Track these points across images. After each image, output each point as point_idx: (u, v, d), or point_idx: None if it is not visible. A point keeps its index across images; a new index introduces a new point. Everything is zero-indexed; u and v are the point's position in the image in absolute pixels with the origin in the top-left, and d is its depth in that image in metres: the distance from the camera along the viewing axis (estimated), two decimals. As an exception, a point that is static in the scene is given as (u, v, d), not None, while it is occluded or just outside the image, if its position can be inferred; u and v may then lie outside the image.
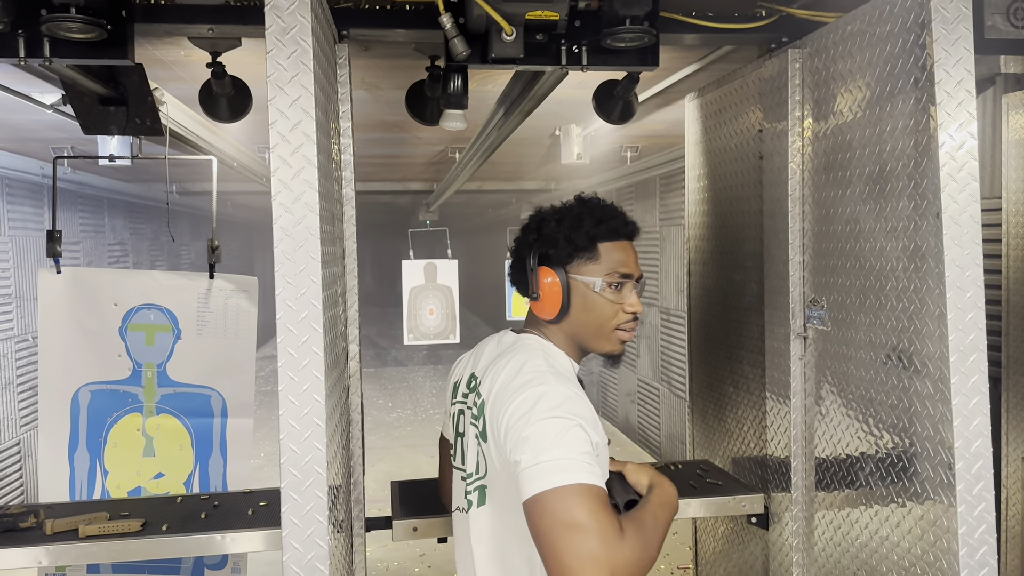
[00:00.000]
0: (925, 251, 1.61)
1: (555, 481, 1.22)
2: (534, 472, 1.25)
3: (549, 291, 1.51)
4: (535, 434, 1.29)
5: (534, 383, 1.37)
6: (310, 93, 1.39)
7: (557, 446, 1.27)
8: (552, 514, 1.20)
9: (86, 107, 2.44)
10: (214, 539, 2.03)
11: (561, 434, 1.28)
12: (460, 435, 1.57)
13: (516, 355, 1.48)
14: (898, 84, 1.68)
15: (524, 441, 1.29)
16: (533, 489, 1.23)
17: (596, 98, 2.57)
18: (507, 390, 1.40)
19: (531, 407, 1.33)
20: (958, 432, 1.55)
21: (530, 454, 1.27)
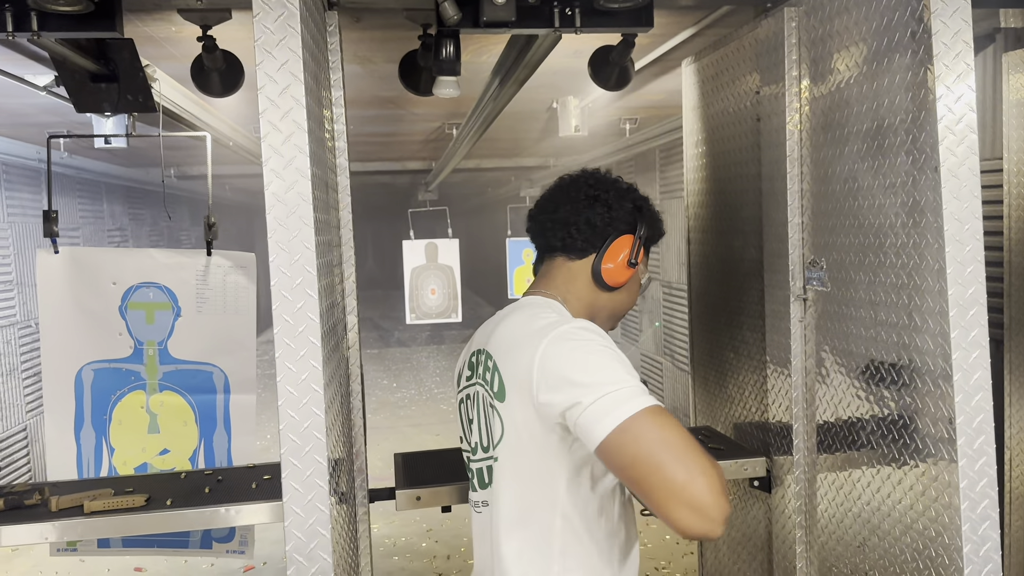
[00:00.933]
0: (924, 206, 1.60)
1: (634, 406, 1.18)
2: (604, 405, 1.19)
3: (626, 265, 1.51)
4: (587, 369, 1.24)
5: (557, 323, 1.33)
6: (298, 57, 1.37)
7: (618, 374, 1.23)
8: (646, 438, 1.16)
9: (77, 84, 2.42)
10: (218, 512, 2.04)
11: (613, 362, 1.25)
12: (470, 421, 1.52)
13: (522, 310, 1.45)
14: (895, 38, 1.66)
15: (573, 381, 1.24)
16: (613, 421, 1.18)
17: (592, 64, 2.55)
18: (527, 336, 1.34)
19: (568, 346, 1.28)
20: (958, 386, 1.54)
21: (589, 390, 1.21)
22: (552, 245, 1.53)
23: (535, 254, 1.62)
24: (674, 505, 1.13)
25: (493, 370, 1.41)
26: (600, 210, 1.51)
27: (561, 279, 1.52)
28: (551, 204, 1.54)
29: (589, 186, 1.53)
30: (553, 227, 1.52)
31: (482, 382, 1.45)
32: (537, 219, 1.57)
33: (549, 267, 1.54)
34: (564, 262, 1.52)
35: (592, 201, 1.51)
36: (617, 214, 1.52)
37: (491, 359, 1.42)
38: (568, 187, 1.54)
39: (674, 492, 1.13)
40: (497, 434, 1.40)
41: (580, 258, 1.51)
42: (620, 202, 1.53)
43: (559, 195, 1.54)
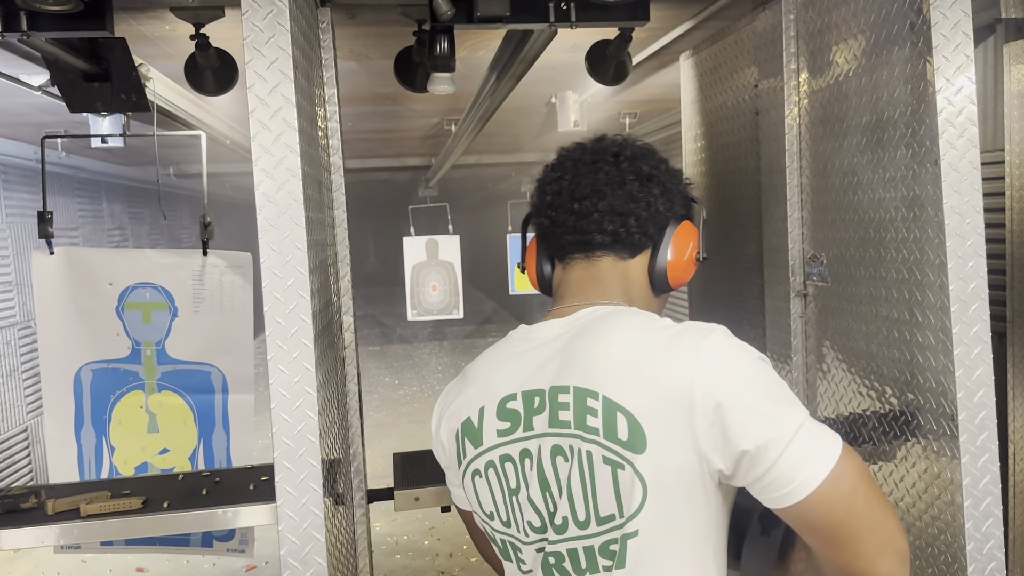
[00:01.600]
0: (924, 199, 1.58)
1: (837, 445, 0.94)
2: (806, 444, 0.93)
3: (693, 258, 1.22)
4: (769, 393, 0.95)
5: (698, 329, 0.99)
6: (288, 55, 1.35)
7: (795, 401, 0.96)
8: (864, 484, 0.94)
9: (70, 84, 2.40)
10: (215, 514, 2.04)
11: (784, 384, 0.97)
12: (513, 491, 1.09)
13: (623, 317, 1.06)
14: (894, 29, 1.64)
15: (760, 410, 0.93)
16: (825, 465, 0.92)
17: (589, 59, 2.53)
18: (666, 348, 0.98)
19: (741, 358, 0.97)
20: (960, 382, 1.52)
21: (782, 425, 0.93)
22: (597, 242, 1.15)
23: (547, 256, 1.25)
24: (885, 557, 0.94)
25: (607, 411, 0.98)
26: (657, 191, 1.17)
27: (618, 284, 1.16)
28: (589, 188, 1.15)
29: (630, 159, 1.17)
30: (600, 219, 1.14)
31: (578, 432, 1.01)
32: (570, 210, 1.16)
33: (592, 271, 1.17)
34: (614, 263, 1.16)
35: (646, 181, 1.16)
36: (674, 195, 1.20)
37: (593, 396, 1.00)
38: (601, 163, 1.17)
39: (889, 544, 0.94)
40: (633, 501, 0.98)
41: (632, 256, 1.17)
42: (674, 180, 1.21)
43: (592, 175, 1.16)
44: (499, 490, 1.11)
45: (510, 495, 1.09)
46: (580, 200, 1.16)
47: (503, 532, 1.12)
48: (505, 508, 1.10)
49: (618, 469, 0.98)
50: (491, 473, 1.11)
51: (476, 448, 1.12)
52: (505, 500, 1.10)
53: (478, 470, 1.12)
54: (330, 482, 1.56)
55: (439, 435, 1.21)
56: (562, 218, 1.17)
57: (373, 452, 2.17)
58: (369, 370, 9.97)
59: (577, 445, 1.01)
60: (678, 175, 1.23)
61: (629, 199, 1.15)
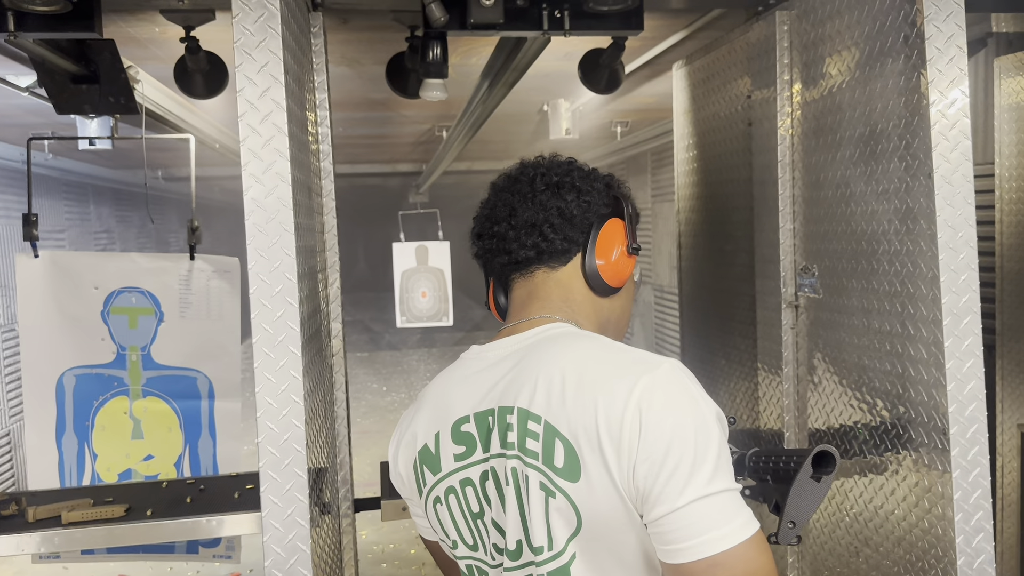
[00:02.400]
0: (917, 212, 1.57)
1: (749, 529, 0.91)
2: (712, 512, 0.90)
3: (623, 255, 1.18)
4: (688, 445, 0.90)
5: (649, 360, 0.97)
6: (279, 58, 1.34)
7: (726, 464, 0.92)
8: None
9: (58, 86, 2.37)
10: (199, 523, 2.01)
11: (720, 447, 0.92)
12: (476, 515, 1.08)
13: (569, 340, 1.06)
14: (887, 42, 1.64)
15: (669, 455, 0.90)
16: (722, 541, 0.89)
17: (582, 67, 2.52)
18: (609, 378, 0.96)
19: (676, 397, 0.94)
20: (952, 396, 1.52)
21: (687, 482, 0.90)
22: (524, 258, 1.16)
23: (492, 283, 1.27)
24: None
25: (547, 436, 0.98)
26: (570, 196, 1.17)
27: (556, 296, 1.16)
28: (505, 209, 1.18)
29: (542, 175, 1.19)
30: (518, 235, 1.16)
31: (520, 454, 1.00)
32: (492, 233, 1.19)
33: (529, 287, 1.18)
34: (547, 274, 1.17)
35: (556, 188, 1.17)
36: (592, 197, 1.18)
37: (535, 420, 0.99)
38: (516, 184, 1.20)
39: None
40: (567, 527, 0.98)
41: (564, 263, 1.16)
42: (589, 183, 1.20)
43: (509, 197, 1.19)
44: (461, 515, 1.10)
45: (474, 519, 1.09)
46: (498, 222, 1.19)
47: (470, 557, 1.11)
48: (470, 532, 1.10)
49: (550, 497, 0.97)
50: (452, 499, 1.10)
51: (435, 475, 1.11)
52: (469, 524, 1.09)
53: (439, 497, 1.11)
54: (316, 492, 1.54)
55: (397, 467, 1.19)
56: (488, 244, 1.21)
57: (360, 460, 2.15)
58: (357, 376, 9.92)
59: (520, 468, 1.00)
60: (596, 177, 1.22)
61: (541, 209, 1.16)
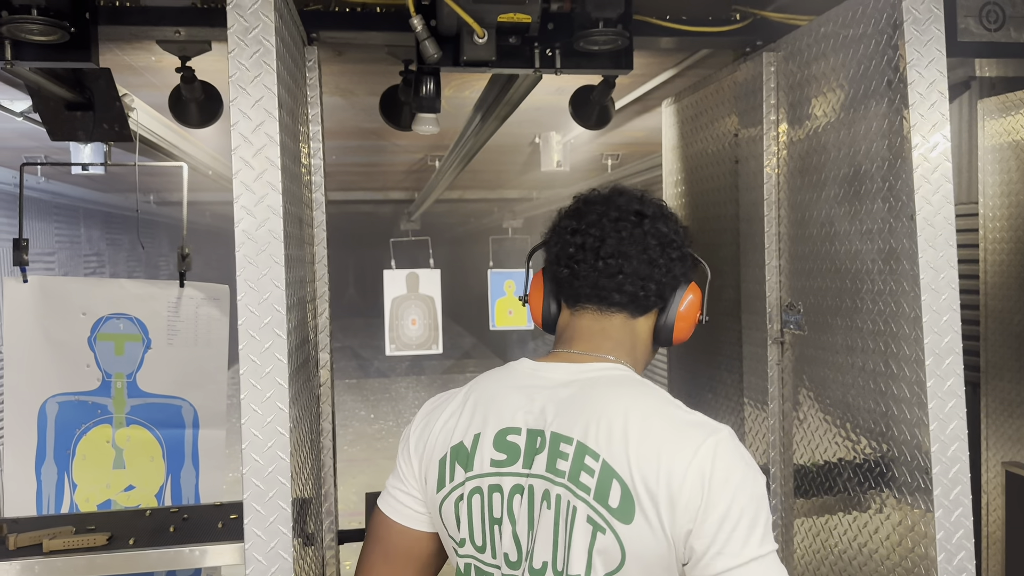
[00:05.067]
0: (900, 253, 1.60)
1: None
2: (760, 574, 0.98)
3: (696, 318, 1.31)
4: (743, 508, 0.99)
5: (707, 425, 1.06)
6: (273, 94, 1.35)
7: (768, 532, 1.01)
8: None
9: (52, 112, 2.39)
10: (182, 553, 1.99)
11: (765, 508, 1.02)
12: (495, 521, 1.13)
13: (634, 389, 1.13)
14: (871, 86, 1.67)
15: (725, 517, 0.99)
16: None
17: (572, 103, 2.55)
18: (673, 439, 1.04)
19: (738, 469, 1.02)
20: (934, 436, 1.53)
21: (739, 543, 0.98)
22: (615, 300, 1.20)
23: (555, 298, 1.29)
24: None
25: (603, 475, 1.04)
26: (675, 255, 1.23)
27: (627, 340, 1.22)
28: (613, 248, 1.19)
29: (652, 220, 1.22)
30: (623, 281, 1.19)
31: (569, 484, 1.06)
32: (591, 264, 1.20)
33: (604, 324, 1.21)
34: (626, 320, 1.22)
35: (667, 246, 1.22)
36: (687, 260, 1.27)
37: (593, 456, 1.05)
38: (626, 222, 1.21)
39: None
40: (608, 564, 1.04)
41: (643, 315, 1.23)
42: (683, 238, 1.26)
43: (619, 234, 1.20)
44: (480, 518, 1.14)
45: (491, 523, 1.13)
46: (605, 259, 1.20)
47: (472, 557, 1.15)
48: (482, 535, 1.14)
49: (599, 532, 1.03)
50: (475, 499, 1.14)
51: (466, 473, 1.15)
52: (484, 527, 1.13)
53: (462, 495, 1.15)
54: (300, 523, 1.53)
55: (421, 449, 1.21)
56: (584, 272, 1.22)
57: (346, 488, 2.14)
58: (345, 403, 9.87)
59: (566, 496, 1.06)
60: (685, 233, 1.28)
61: (651, 264, 1.21)
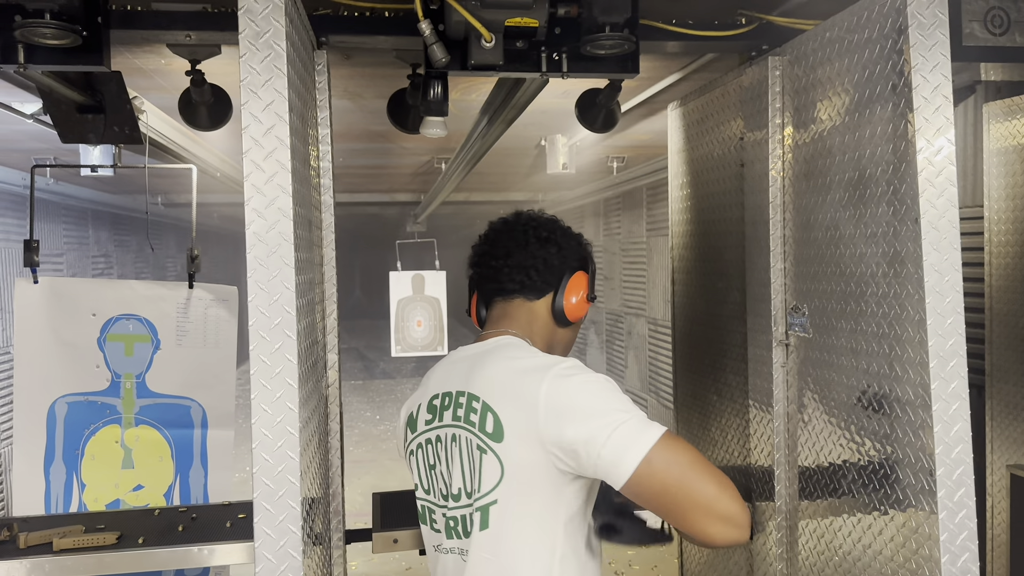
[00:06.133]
0: (904, 256, 1.61)
1: (652, 435, 1.24)
2: (623, 438, 1.24)
3: (584, 298, 1.58)
4: (596, 403, 1.28)
5: (552, 362, 1.36)
6: (284, 98, 1.37)
7: (626, 404, 1.29)
8: (673, 464, 1.23)
9: (63, 115, 2.41)
10: (191, 552, 2.01)
11: (617, 393, 1.31)
12: (431, 467, 1.49)
13: (502, 350, 1.46)
14: (876, 90, 1.68)
15: (586, 416, 1.27)
16: (638, 452, 1.23)
17: (579, 106, 2.57)
18: (521, 373, 1.36)
19: (575, 382, 1.31)
20: (938, 438, 1.54)
21: (605, 424, 1.25)
22: (509, 288, 1.56)
23: (476, 298, 1.66)
24: (711, 521, 1.23)
25: (483, 411, 1.38)
26: (553, 250, 1.56)
27: (524, 319, 1.55)
28: (501, 250, 1.57)
29: (534, 228, 1.58)
30: (509, 272, 1.55)
31: (464, 425, 1.41)
32: (488, 266, 1.58)
33: (506, 309, 1.57)
34: (523, 303, 1.56)
35: (544, 243, 1.56)
36: (568, 252, 1.58)
37: (476, 400, 1.40)
38: (513, 231, 1.58)
39: (709, 509, 1.22)
40: (493, 477, 1.36)
41: (538, 298, 1.56)
42: (568, 241, 1.59)
43: (506, 240, 1.58)
44: (424, 465, 1.51)
45: (429, 469, 1.50)
46: (497, 259, 1.57)
47: (424, 499, 1.53)
48: (427, 479, 1.51)
49: (483, 454, 1.37)
50: (419, 452, 1.52)
51: (413, 433, 1.54)
52: (427, 473, 1.50)
53: (412, 450, 1.54)
54: (309, 522, 1.54)
55: (397, 429, 1.62)
56: (487, 272, 1.59)
57: (352, 489, 2.15)
58: (351, 404, 9.89)
59: (464, 435, 1.41)
60: (572, 237, 1.61)
61: (532, 257, 1.55)
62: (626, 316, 7.23)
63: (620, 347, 7.49)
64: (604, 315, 7.92)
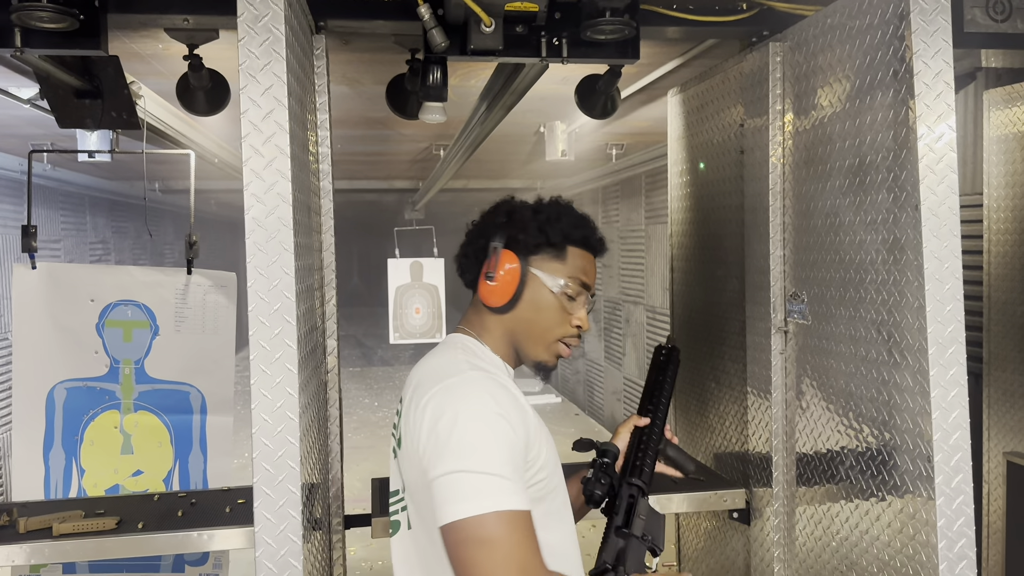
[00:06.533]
0: (904, 243, 1.61)
1: (473, 508, 1.09)
2: (451, 490, 1.12)
3: (507, 276, 1.35)
4: (453, 435, 1.15)
5: (449, 376, 1.24)
6: (283, 82, 1.37)
7: (482, 455, 1.13)
8: (477, 549, 1.08)
9: (61, 100, 2.40)
10: (190, 537, 2.01)
11: (485, 438, 1.15)
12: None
13: (435, 355, 1.36)
14: (877, 76, 1.68)
15: (440, 449, 1.15)
16: (451, 513, 1.11)
17: (578, 92, 2.56)
18: (421, 388, 1.26)
19: (451, 403, 1.18)
20: (937, 424, 1.54)
21: (445, 465, 1.13)
22: (465, 282, 1.46)
23: None
24: None
25: (399, 415, 1.34)
26: (474, 232, 1.44)
27: (473, 313, 1.43)
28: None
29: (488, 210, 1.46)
30: (457, 262, 1.46)
31: (397, 427, 1.35)
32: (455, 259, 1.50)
33: (472, 303, 1.46)
34: (473, 296, 1.44)
35: (469, 235, 1.45)
36: (485, 230, 1.41)
37: (401, 402, 1.35)
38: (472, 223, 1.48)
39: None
40: (399, 485, 1.34)
41: (475, 288, 1.42)
42: (492, 217, 1.43)
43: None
44: None
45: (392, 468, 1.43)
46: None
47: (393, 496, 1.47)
48: None
49: (394, 457, 1.34)
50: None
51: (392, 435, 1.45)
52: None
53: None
54: (308, 507, 1.55)
55: None
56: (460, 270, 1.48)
57: (350, 475, 2.16)
58: (349, 391, 9.91)
59: (397, 436, 1.34)
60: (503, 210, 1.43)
61: (463, 247, 1.44)
62: (624, 304, 7.23)
63: (618, 335, 7.50)
64: (602, 303, 7.92)
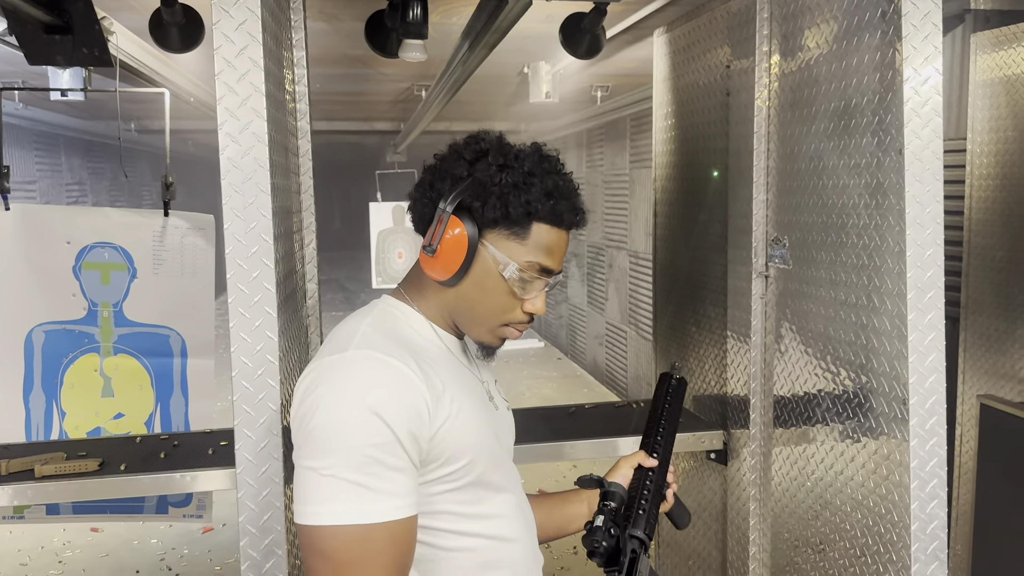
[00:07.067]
0: (887, 187, 1.60)
1: (316, 515, 0.96)
2: (300, 487, 0.99)
3: (450, 247, 1.09)
4: (312, 431, 0.99)
5: (334, 351, 1.05)
6: (256, 16, 1.32)
7: (330, 455, 0.97)
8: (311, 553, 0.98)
9: (30, 36, 2.32)
10: (173, 478, 2.02)
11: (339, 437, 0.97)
12: None
13: (350, 319, 1.14)
14: (865, 17, 1.65)
15: (298, 434, 1.02)
16: (297, 513, 0.99)
17: (563, 31, 2.51)
18: (314, 357, 1.09)
19: (325, 385, 1.01)
20: (913, 368, 1.56)
21: (300, 454, 1.01)
22: (416, 229, 1.18)
23: None
24: None
25: None
26: (428, 177, 1.14)
27: (414, 274, 1.19)
28: None
29: (449, 153, 1.16)
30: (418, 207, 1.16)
31: None
32: None
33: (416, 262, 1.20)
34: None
35: (428, 169, 1.16)
36: (441, 183, 1.13)
37: None
38: None
39: None
40: None
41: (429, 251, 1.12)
42: (452, 164, 1.13)
43: None
44: None
45: None
46: None
47: None
48: None
49: None
50: None
51: None
52: None
53: None
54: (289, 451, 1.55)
55: None
56: None
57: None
58: (332, 335, 9.89)
59: None
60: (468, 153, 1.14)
61: (416, 187, 1.16)
62: (607, 249, 7.23)
63: (601, 280, 7.52)
64: (585, 248, 7.92)
